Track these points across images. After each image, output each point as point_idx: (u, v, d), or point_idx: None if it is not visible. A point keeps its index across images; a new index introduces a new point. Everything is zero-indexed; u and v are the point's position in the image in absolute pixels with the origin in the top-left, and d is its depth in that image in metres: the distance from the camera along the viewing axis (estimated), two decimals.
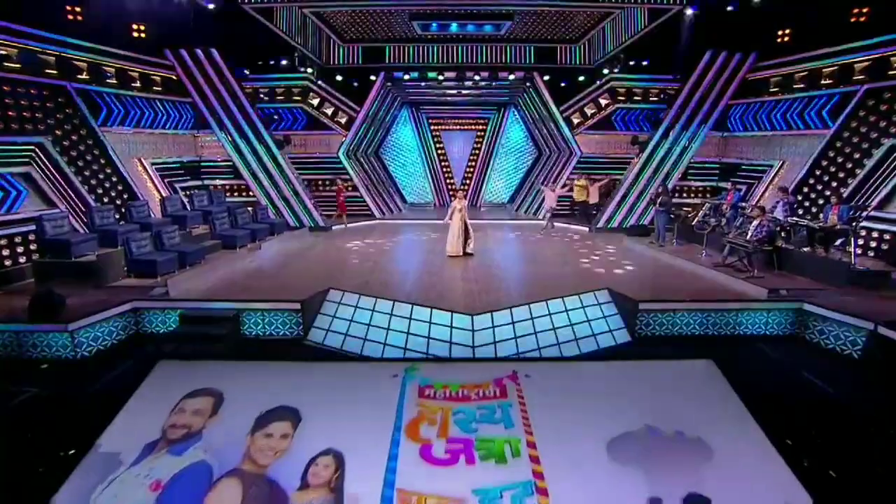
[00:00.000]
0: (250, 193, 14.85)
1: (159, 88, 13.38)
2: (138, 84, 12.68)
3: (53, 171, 10.08)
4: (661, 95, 15.13)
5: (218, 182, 15.23)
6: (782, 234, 10.12)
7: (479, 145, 20.06)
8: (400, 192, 19.97)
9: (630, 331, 8.17)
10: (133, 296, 8.02)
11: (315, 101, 16.26)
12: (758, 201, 12.62)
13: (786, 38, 12.33)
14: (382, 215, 17.36)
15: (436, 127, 19.91)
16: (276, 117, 15.87)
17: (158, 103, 13.41)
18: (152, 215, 11.09)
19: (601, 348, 7.78)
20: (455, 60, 15.64)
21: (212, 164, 15.00)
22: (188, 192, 12.83)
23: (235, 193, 15.48)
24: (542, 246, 11.65)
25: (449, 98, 18.41)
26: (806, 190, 11.80)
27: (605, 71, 15.34)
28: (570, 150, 16.34)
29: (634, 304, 8.13)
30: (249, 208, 13.14)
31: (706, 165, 14.88)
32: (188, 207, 12.38)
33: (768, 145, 12.98)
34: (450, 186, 20.57)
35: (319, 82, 16.05)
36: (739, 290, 8.76)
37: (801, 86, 11.89)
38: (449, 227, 11.00)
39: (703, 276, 9.69)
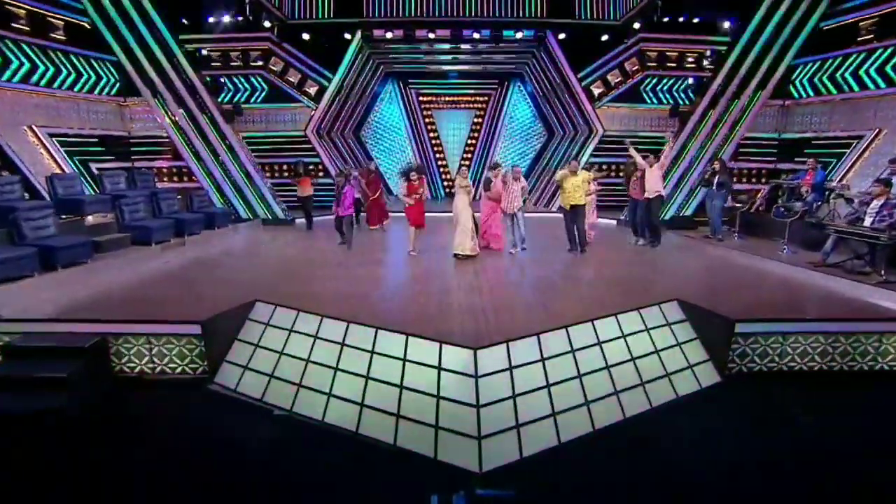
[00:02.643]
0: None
1: (61, 36, 10.33)
2: (27, 26, 9.62)
3: None
4: (707, 59, 12.20)
5: (156, 164, 12.23)
6: None
7: (478, 126, 17.11)
8: (384, 181, 16.98)
9: (719, 366, 5.28)
10: None
11: (277, 67, 13.29)
12: (841, 180, 9.74)
13: None
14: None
15: (427, 105, 16.96)
16: (223, 81, 12.84)
17: (62, 56, 10.36)
18: (26, 197, 8.07)
19: (680, 397, 4.86)
20: (449, 14, 12.68)
21: (146, 140, 11.99)
22: (100, 173, 9.78)
23: (178, 178, 12.47)
24: (565, 244, 8.69)
25: (442, 66, 15.41)
26: None
27: (636, 26, 12.40)
28: (590, 127, 13.43)
29: (727, 324, 5.22)
30: (179, 196, 10.11)
31: (761, 141, 11.99)
32: (96, 190, 9.38)
33: (855, 111, 10.07)
34: (444, 176, 17.63)
35: (282, 43, 13.04)
36: (867, 301, 5.90)
37: None
38: (454, 217, 8.00)
39: (801, 282, 6.78)
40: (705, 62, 12.32)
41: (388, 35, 12.75)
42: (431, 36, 12.64)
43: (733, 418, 4.68)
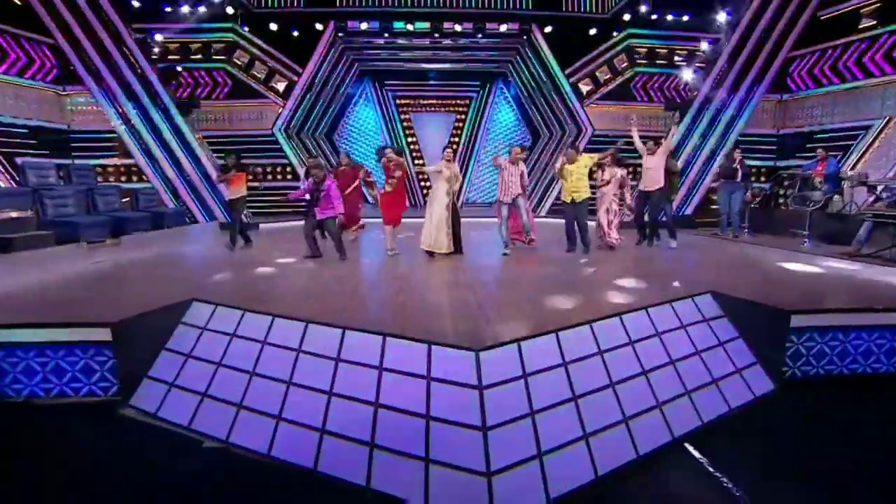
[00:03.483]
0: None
1: None
2: None
3: None
4: (696, 59, 11.62)
5: (104, 162, 10.88)
6: None
7: (458, 131, 16.27)
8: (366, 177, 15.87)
9: (772, 369, 4.30)
10: None
11: (242, 61, 12.20)
12: (852, 170, 9.10)
13: None
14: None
15: (405, 108, 16.06)
16: (178, 70, 11.65)
17: None
18: None
19: (732, 409, 3.84)
20: (429, 5, 11.88)
21: (88, 135, 10.64)
22: (24, 164, 8.40)
23: (127, 178, 11.11)
24: (557, 246, 7.65)
25: (421, 64, 14.54)
26: None
27: (627, 17, 11.80)
28: (578, 126, 12.69)
29: (780, 318, 4.26)
30: (127, 198, 8.82)
31: (759, 140, 11.40)
32: (17, 183, 8.02)
33: (860, 100, 9.53)
34: (423, 184, 16.65)
35: (246, 31, 11.98)
36: None
37: None
38: (428, 205, 6.95)
39: (844, 274, 5.91)
40: (696, 61, 11.72)
41: (363, 26, 11.82)
42: (410, 28, 11.77)
43: (807, 435, 3.65)
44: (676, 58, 12.29)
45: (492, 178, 16.40)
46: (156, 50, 11.18)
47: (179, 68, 11.55)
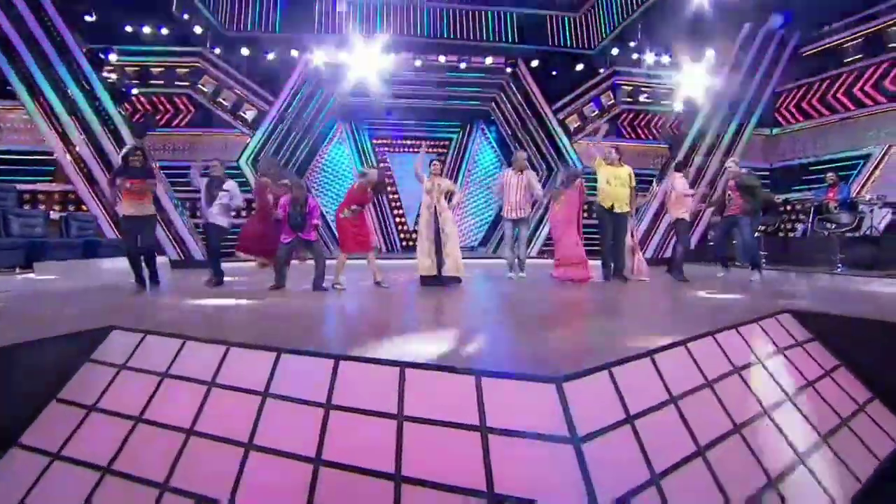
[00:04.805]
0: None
1: None
2: None
3: None
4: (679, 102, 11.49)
5: (35, 188, 9.36)
6: None
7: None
8: (332, 231, 14.75)
9: None
10: None
11: (209, 88, 11.25)
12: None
13: None
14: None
15: (381, 148, 15.35)
16: (131, 92, 10.54)
17: None
18: None
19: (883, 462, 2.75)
20: (408, 32, 11.42)
21: (20, 156, 9.20)
22: None
23: (64, 206, 9.57)
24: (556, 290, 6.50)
25: (400, 100, 13.92)
26: None
27: (615, 51, 11.67)
28: (567, 164, 12.17)
29: None
30: (56, 214, 7.38)
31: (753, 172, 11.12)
32: None
33: (854, 130, 9.40)
34: (401, 227, 15.70)
35: (216, 54, 11.10)
36: None
37: None
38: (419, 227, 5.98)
39: None
40: (679, 105, 11.61)
41: (342, 56, 11.19)
42: (391, 57, 11.23)
43: None
44: (661, 94, 12.17)
45: (475, 221, 15.65)
46: (110, 72, 10.11)
47: (136, 91, 10.44)
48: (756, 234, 7.65)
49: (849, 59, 9.47)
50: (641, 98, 12.24)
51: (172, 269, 8.50)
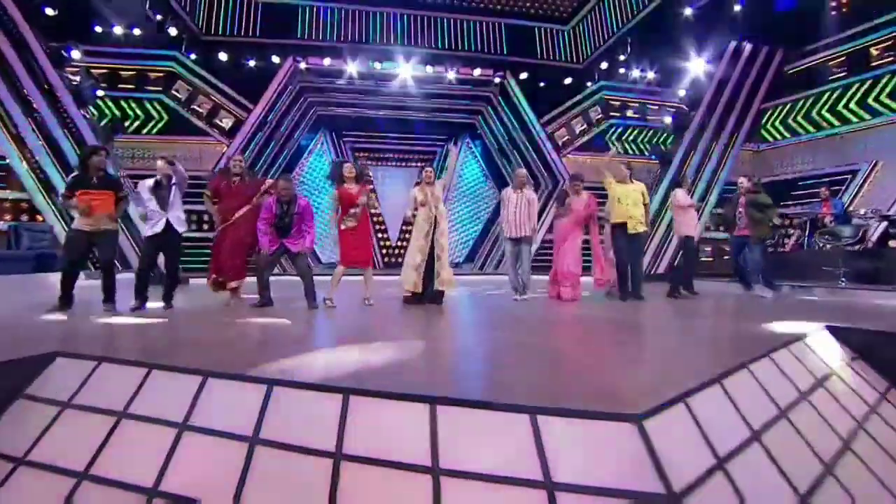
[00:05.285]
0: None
1: None
2: None
3: None
4: (669, 115, 11.51)
5: None
6: None
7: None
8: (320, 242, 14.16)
9: None
10: None
11: (183, 94, 10.66)
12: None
13: (843, 10, 9.38)
14: (282, 271, 11.49)
15: (364, 162, 14.89)
16: (97, 92, 9.85)
17: None
18: None
19: None
20: (394, 41, 11.13)
21: None
22: None
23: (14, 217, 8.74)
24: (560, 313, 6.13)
25: (384, 111, 13.55)
26: None
27: (603, 65, 11.61)
28: (556, 179, 11.99)
29: None
30: (5, 224, 6.63)
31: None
32: None
33: (841, 146, 9.46)
34: (383, 243, 15.21)
35: (192, 59, 10.55)
36: None
37: (889, 58, 8.71)
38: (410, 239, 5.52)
39: None
40: (668, 119, 11.60)
41: (326, 62, 10.79)
42: (378, 66, 10.90)
43: None
44: (649, 111, 12.17)
45: (461, 236, 15.27)
46: (74, 73, 9.42)
47: (101, 93, 9.77)
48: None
49: (834, 77, 9.61)
50: (629, 113, 12.20)
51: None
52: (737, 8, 10.20)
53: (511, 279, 6.10)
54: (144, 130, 10.43)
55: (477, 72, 11.39)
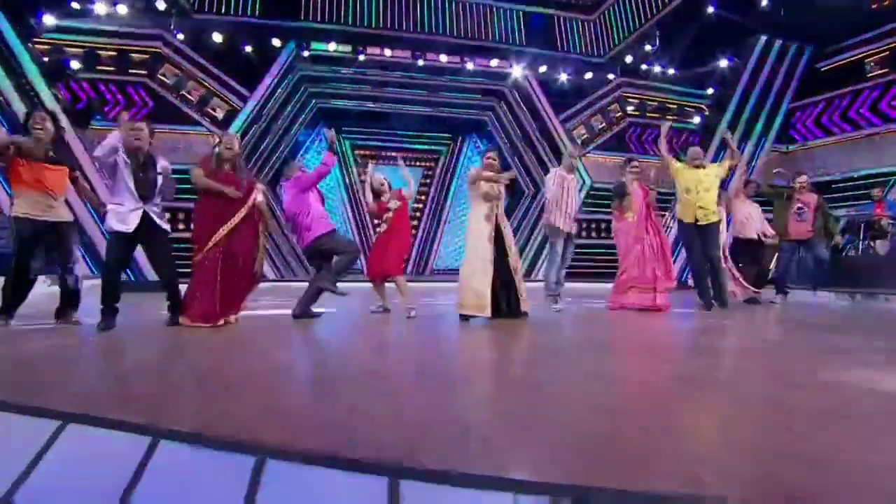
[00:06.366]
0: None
1: None
2: None
3: None
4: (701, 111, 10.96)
5: None
6: None
7: (425, 188, 14.34)
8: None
9: None
10: None
11: (171, 79, 9.57)
12: None
13: (884, 3, 8.97)
14: (280, 277, 10.53)
15: (364, 159, 13.94)
16: (69, 66, 8.69)
17: None
18: None
19: None
20: (401, 27, 10.24)
21: None
22: None
23: None
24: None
25: (388, 107, 12.62)
26: None
27: (628, 59, 10.97)
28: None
29: None
30: None
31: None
32: None
33: (881, 146, 9.00)
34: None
35: (180, 40, 9.47)
36: None
37: None
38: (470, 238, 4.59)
39: None
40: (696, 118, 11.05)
41: (331, 47, 9.86)
42: (388, 53, 10.03)
43: None
44: (671, 109, 11.61)
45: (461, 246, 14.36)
46: (46, 50, 8.27)
47: (76, 67, 8.62)
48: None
49: (872, 74, 9.18)
50: (649, 112, 11.62)
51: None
52: (764, 2, 9.76)
53: (550, 282, 5.27)
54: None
55: (494, 63, 10.64)
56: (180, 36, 9.41)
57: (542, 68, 10.71)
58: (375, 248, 4.95)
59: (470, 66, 10.37)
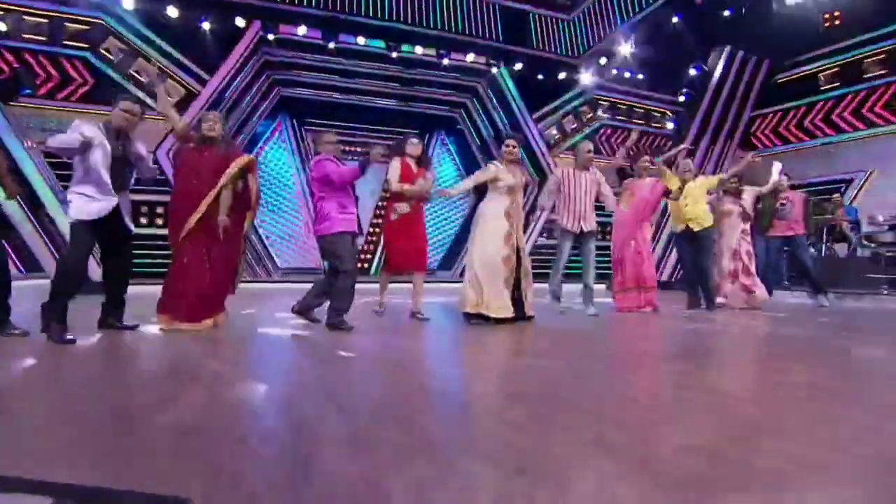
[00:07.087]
0: None
1: None
2: None
3: None
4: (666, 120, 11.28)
5: None
6: None
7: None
8: (267, 249, 12.24)
9: None
10: None
11: (115, 55, 8.54)
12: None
13: (835, 22, 9.60)
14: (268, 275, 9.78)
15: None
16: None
17: None
18: None
19: None
20: (387, 17, 9.81)
21: None
22: None
23: None
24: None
25: (356, 98, 12.01)
26: None
27: (602, 61, 11.06)
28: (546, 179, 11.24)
29: None
30: None
31: None
32: None
33: (834, 155, 9.63)
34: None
35: (127, 9, 8.47)
36: None
37: (883, 70, 8.96)
38: (472, 239, 4.32)
39: None
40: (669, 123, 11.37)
41: (301, 31, 9.19)
42: (361, 41, 9.51)
43: None
44: (639, 113, 11.88)
45: (435, 239, 14.03)
46: None
47: None
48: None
49: (825, 87, 9.82)
50: (620, 116, 11.84)
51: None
52: (726, 13, 10.18)
53: (555, 287, 5.14)
54: (61, 95, 8.18)
55: (470, 58, 10.37)
56: (129, 6, 8.39)
57: (518, 65, 10.60)
58: (400, 233, 4.46)
59: (445, 61, 10.05)
